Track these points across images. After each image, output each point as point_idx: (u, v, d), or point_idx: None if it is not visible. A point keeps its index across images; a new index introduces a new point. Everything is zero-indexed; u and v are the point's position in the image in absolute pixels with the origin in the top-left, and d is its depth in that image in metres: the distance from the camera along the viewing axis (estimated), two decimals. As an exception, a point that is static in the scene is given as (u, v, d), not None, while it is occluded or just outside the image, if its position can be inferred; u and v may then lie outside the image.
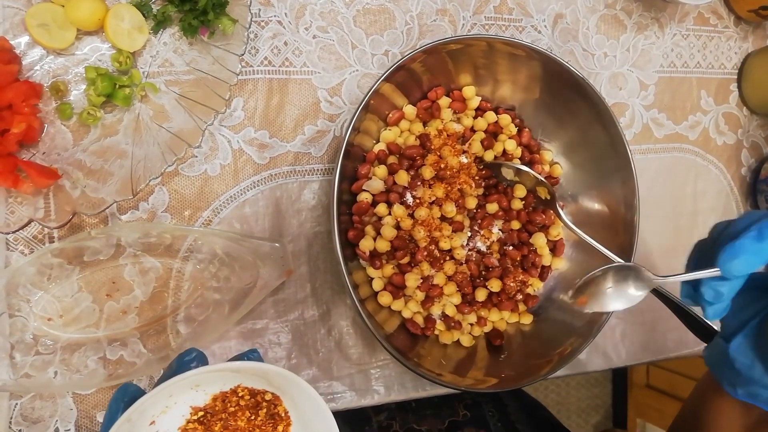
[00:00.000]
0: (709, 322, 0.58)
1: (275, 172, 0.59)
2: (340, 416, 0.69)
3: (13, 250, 0.52)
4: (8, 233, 0.50)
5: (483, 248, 0.61)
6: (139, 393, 0.38)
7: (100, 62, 0.53)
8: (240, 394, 0.40)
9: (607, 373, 2.05)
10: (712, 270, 0.39)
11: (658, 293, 0.54)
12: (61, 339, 0.51)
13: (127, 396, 0.37)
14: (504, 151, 0.63)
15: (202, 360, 0.39)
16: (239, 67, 0.53)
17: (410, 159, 0.59)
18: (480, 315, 0.61)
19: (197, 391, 0.39)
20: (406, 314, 0.59)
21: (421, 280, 0.58)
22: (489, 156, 0.62)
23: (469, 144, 0.62)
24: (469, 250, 0.61)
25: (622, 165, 0.61)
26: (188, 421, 0.39)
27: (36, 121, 0.50)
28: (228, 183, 0.57)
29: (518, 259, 0.63)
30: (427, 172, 0.58)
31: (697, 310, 0.57)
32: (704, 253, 0.43)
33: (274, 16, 0.59)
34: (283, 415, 0.41)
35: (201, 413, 0.39)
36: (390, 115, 0.60)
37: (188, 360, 0.39)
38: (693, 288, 0.42)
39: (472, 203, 0.60)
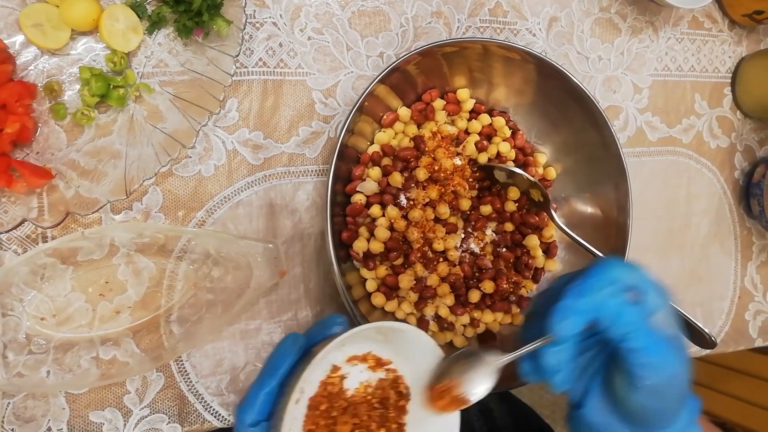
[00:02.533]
0: (703, 327, 0.58)
1: (269, 173, 0.59)
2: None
3: (7, 250, 0.52)
4: (1, 233, 0.50)
5: (476, 250, 0.62)
6: (306, 343, 0.42)
7: (94, 62, 0.53)
8: (368, 361, 0.44)
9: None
10: (545, 337, 0.40)
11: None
12: (54, 338, 0.51)
13: (298, 343, 0.42)
14: (498, 153, 0.63)
15: (347, 326, 0.43)
16: (234, 68, 0.53)
17: (404, 161, 0.59)
18: (473, 316, 0.61)
19: (340, 350, 0.42)
20: (400, 315, 0.59)
21: (415, 282, 0.58)
22: (483, 158, 0.62)
23: (463, 146, 0.62)
24: (463, 251, 0.61)
25: (616, 168, 0.61)
26: (329, 376, 0.43)
27: (30, 121, 0.50)
28: (222, 184, 0.57)
29: (511, 260, 0.63)
30: (421, 174, 0.58)
31: (692, 316, 0.58)
32: (531, 327, 0.45)
33: (269, 17, 0.59)
34: (404, 391, 0.45)
35: (340, 370, 0.43)
36: (384, 116, 0.60)
37: (337, 322, 0.43)
38: (534, 363, 0.42)
39: (465, 205, 0.60)
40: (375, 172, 0.58)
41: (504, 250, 0.63)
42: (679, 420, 0.41)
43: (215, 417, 0.56)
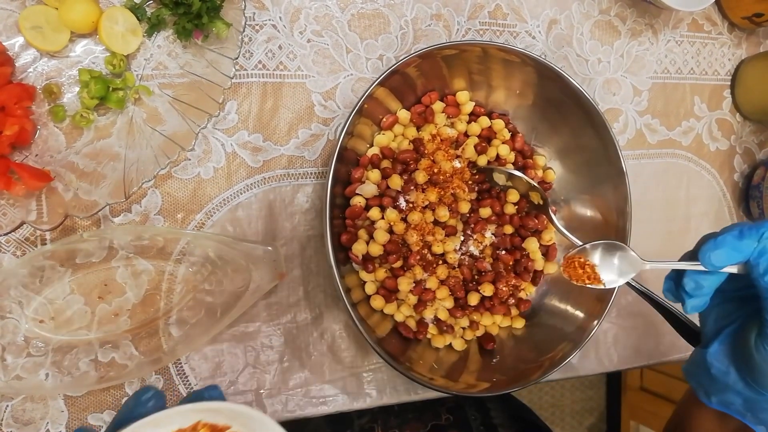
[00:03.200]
0: (695, 323, 0.58)
1: (269, 176, 0.59)
2: (323, 417, 0.69)
3: (5, 252, 0.51)
4: (0, 235, 0.50)
5: (476, 252, 0.62)
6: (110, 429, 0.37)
7: (93, 65, 0.53)
8: (200, 430, 0.38)
9: (601, 375, 2.06)
10: (695, 263, 0.41)
11: (648, 297, 0.54)
12: (53, 341, 0.51)
13: None
14: (497, 155, 0.63)
15: (159, 399, 0.39)
16: (233, 71, 0.53)
17: (404, 163, 0.59)
18: (472, 319, 0.61)
19: (156, 429, 0.37)
20: (399, 318, 0.59)
21: (414, 284, 0.58)
22: (482, 161, 0.62)
23: (463, 149, 0.62)
24: (462, 254, 0.61)
25: (615, 171, 0.61)
26: None
27: (29, 123, 0.50)
28: (221, 186, 0.57)
29: (511, 263, 0.63)
30: (421, 177, 0.58)
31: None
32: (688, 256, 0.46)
33: (269, 19, 0.59)
34: None
35: None
36: (384, 119, 0.60)
37: (146, 399, 0.38)
38: (675, 282, 0.44)
39: (465, 208, 0.60)
40: (374, 174, 0.58)
41: (503, 252, 0.63)
42: None
43: (214, 420, 0.56)
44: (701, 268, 0.41)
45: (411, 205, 0.58)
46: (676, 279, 0.44)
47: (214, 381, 0.56)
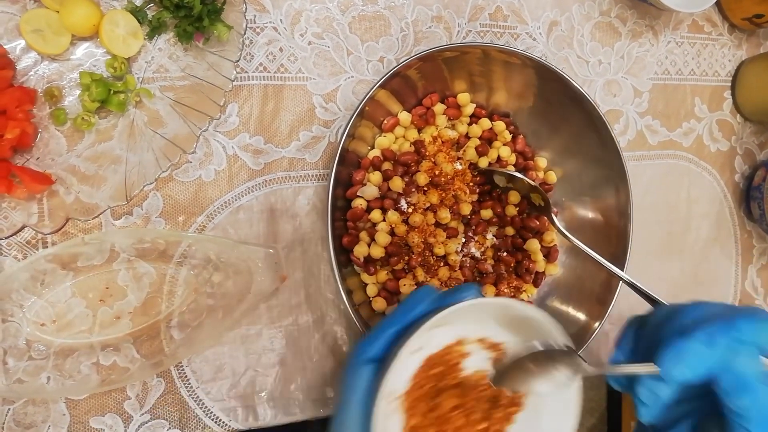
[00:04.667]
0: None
1: (270, 178, 0.59)
2: (291, 429, 0.68)
3: (7, 255, 0.51)
4: (2, 239, 0.50)
5: (477, 254, 0.62)
6: (437, 300, 0.39)
7: (94, 68, 0.53)
8: (497, 351, 0.41)
9: (602, 376, 2.06)
10: (651, 367, 0.35)
11: (649, 299, 0.54)
12: (54, 344, 0.51)
13: (431, 295, 0.39)
14: (498, 157, 0.63)
15: (479, 295, 0.40)
16: (234, 73, 0.53)
17: (405, 165, 0.59)
18: (474, 321, 0.61)
19: (475, 324, 0.40)
20: (400, 320, 0.59)
21: (416, 286, 0.58)
22: (483, 162, 0.62)
23: (464, 150, 0.62)
24: (464, 256, 0.61)
25: (616, 172, 0.61)
26: (452, 345, 0.40)
27: (30, 126, 0.50)
28: (222, 188, 0.57)
29: (512, 265, 0.63)
30: (422, 179, 0.58)
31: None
32: (643, 337, 0.40)
33: (270, 22, 0.59)
34: (518, 399, 0.40)
35: (463, 345, 0.40)
36: (385, 121, 0.60)
37: (472, 291, 0.39)
38: (627, 379, 0.38)
39: (466, 209, 0.60)
40: (376, 176, 0.58)
41: (505, 254, 0.63)
42: None
43: (216, 423, 0.56)
44: (656, 372, 0.34)
45: (412, 207, 0.58)
46: (629, 376, 0.38)
47: (216, 383, 0.56)
